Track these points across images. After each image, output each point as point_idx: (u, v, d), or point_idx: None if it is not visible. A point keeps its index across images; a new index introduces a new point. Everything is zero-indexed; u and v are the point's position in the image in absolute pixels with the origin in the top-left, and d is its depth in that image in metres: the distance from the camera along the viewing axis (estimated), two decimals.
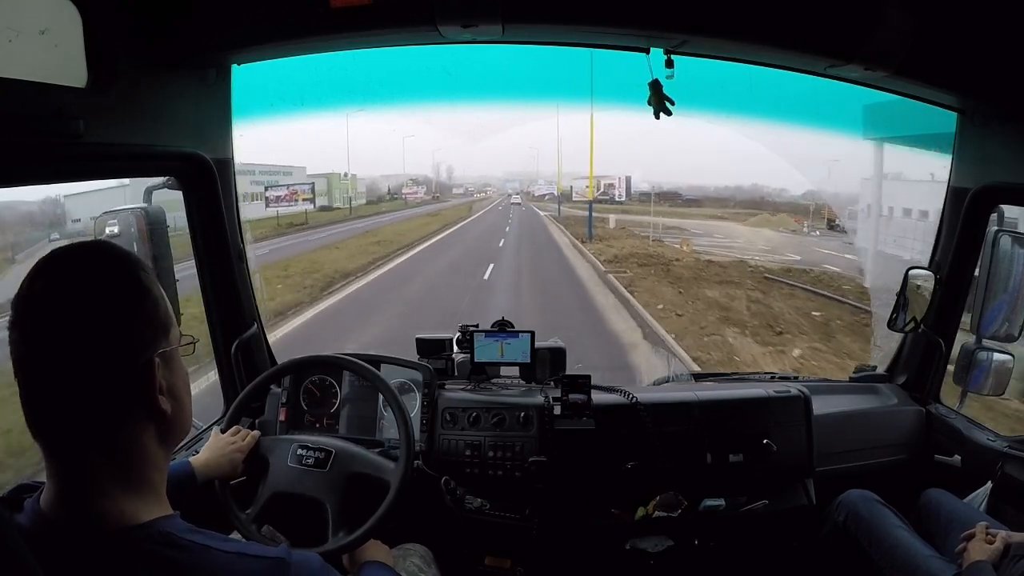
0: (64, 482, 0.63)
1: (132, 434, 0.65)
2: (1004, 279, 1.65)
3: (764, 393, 1.68)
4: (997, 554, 1.29)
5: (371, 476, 1.28)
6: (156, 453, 0.67)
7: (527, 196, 40.69)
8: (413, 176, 40.25)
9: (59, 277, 0.63)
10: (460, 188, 48.57)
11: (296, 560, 0.69)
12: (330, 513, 1.22)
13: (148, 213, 1.44)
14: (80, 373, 0.61)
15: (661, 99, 1.35)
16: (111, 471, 0.63)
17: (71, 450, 0.63)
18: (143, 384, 0.64)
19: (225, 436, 1.33)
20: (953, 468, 1.70)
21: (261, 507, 1.26)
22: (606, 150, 41.92)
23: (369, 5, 1.16)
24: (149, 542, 0.62)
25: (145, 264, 0.69)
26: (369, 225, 23.08)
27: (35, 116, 0.97)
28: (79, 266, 0.65)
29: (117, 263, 0.66)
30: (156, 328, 0.66)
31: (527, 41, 1.48)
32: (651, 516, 1.53)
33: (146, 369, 0.64)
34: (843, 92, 1.52)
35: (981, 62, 1.28)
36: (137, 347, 0.64)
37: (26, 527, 0.62)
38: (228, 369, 1.65)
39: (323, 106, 15.57)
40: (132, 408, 0.64)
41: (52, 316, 0.61)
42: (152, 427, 0.66)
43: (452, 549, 1.52)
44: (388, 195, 37.37)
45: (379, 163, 46.16)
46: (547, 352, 1.77)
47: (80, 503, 0.62)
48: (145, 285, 0.66)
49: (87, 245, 0.67)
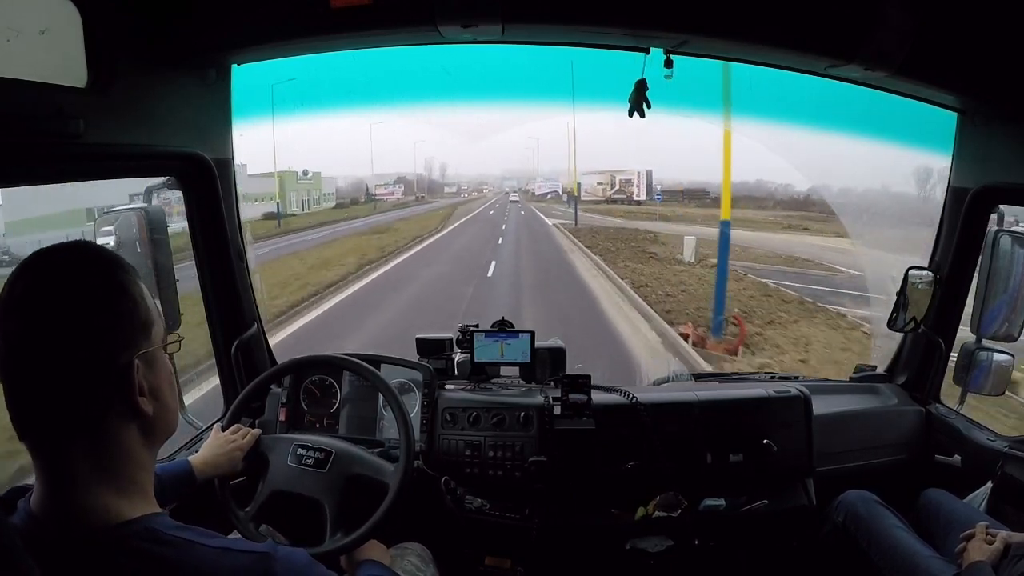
0: (50, 482, 0.64)
1: (114, 434, 0.65)
2: (1004, 279, 1.65)
3: (764, 393, 1.68)
4: (997, 554, 1.28)
5: (370, 478, 1.28)
6: (140, 452, 0.68)
7: (526, 195, 38.29)
8: (403, 174, 37.10)
9: (39, 279, 0.64)
10: (452, 187, 45.14)
11: (282, 555, 0.69)
12: (328, 514, 1.22)
13: (148, 213, 1.43)
14: (60, 375, 0.62)
15: (641, 99, 1.36)
16: (95, 470, 0.64)
17: (55, 450, 0.63)
18: (123, 385, 0.65)
19: (225, 434, 1.33)
20: (953, 468, 1.70)
21: (260, 506, 1.26)
22: (617, 143, 38.59)
23: (369, 5, 1.16)
24: (135, 538, 0.63)
25: (127, 265, 0.69)
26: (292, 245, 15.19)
27: (35, 116, 0.97)
28: (59, 268, 0.65)
29: (97, 265, 0.67)
30: (136, 329, 0.66)
31: (527, 41, 1.48)
32: (651, 516, 1.53)
33: (126, 371, 0.65)
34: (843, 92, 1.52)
35: (981, 62, 1.28)
36: (116, 349, 0.65)
37: (18, 527, 0.63)
38: (228, 369, 1.65)
39: (322, 106, 15.58)
40: (113, 409, 0.65)
41: (32, 318, 0.62)
42: (134, 427, 0.67)
43: (452, 549, 1.52)
44: (367, 196, 33.58)
45: (365, 162, 43.23)
46: (547, 352, 1.77)
47: (66, 502, 0.63)
48: (124, 286, 0.66)
49: (69, 246, 0.68)
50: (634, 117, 1.38)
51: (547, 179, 36.29)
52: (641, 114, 1.38)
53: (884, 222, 8.25)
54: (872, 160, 10.34)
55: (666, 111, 1.42)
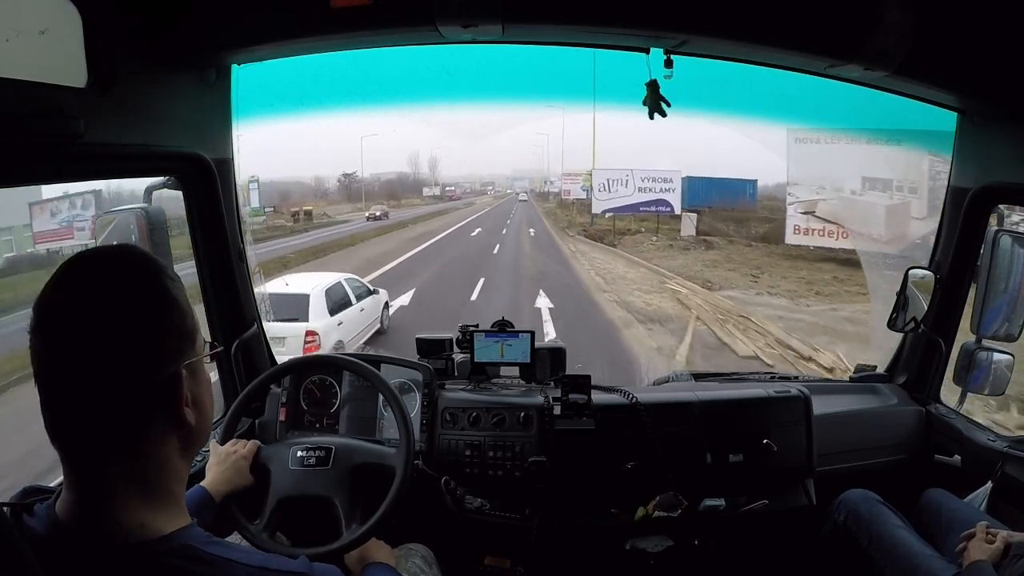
0: (82, 491, 0.62)
1: (155, 445, 0.64)
2: (1004, 279, 1.65)
3: (764, 393, 1.68)
4: (997, 554, 1.29)
5: (375, 464, 1.27)
6: (178, 463, 0.66)
7: (541, 198, 29.86)
8: (380, 173, 27.85)
9: (84, 284, 0.62)
10: (433, 187, 32.23)
11: (318, 572, 0.69)
12: (340, 508, 1.22)
13: (148, 213, 1.43)
14: (104, 384, 0.60)
15: (657, 99, 1.36)
16: (131, 482, 0.62)
17: (90, 459, 0.61)
18: (169, 396, 0.63)
19: (225, 447, 1.31)
20: (953, 468, 1.70)
21: (269, 516, 1.24)
22: (640, 140, 30.11)
23: (369, 5, 1.16)
24: (172, 556, 0.61)
25: (173, 272, 0.66)
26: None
27: (35, 116, 0.97)
28: (104, 273, 0.63)
29: (143, 271, 0.64)
30: (183, 339, 0.65)
31: (527, 41, 1.48)
32: (651, 516, 1.53)
33: (173, 381, 0.63)
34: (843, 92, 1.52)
35: (981, 62, 1.28)
36: (164, 359, 0.63)
37: (40, 533, 0.61)
38: (228, 369, 1.65)
39: (322, 106, 15.53)
40: (157, 419, 0.63)
41: (76, 325, 0.59)
42: (175, 438, 0.65)
43: (452, 549, 1.52)
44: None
45: (354, 163, 33.27)
46: (547, 352, 1.77)
47: (99, 513, 0.61)
48: (172, 295, 0.64)
49: (112, 250, 0.66)
50: (655, 118, 1.37)
51: (558, 179, 27.82)
52: (662, 114, 1.36)
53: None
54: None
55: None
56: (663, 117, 1.37)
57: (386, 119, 36.45)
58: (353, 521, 1.20)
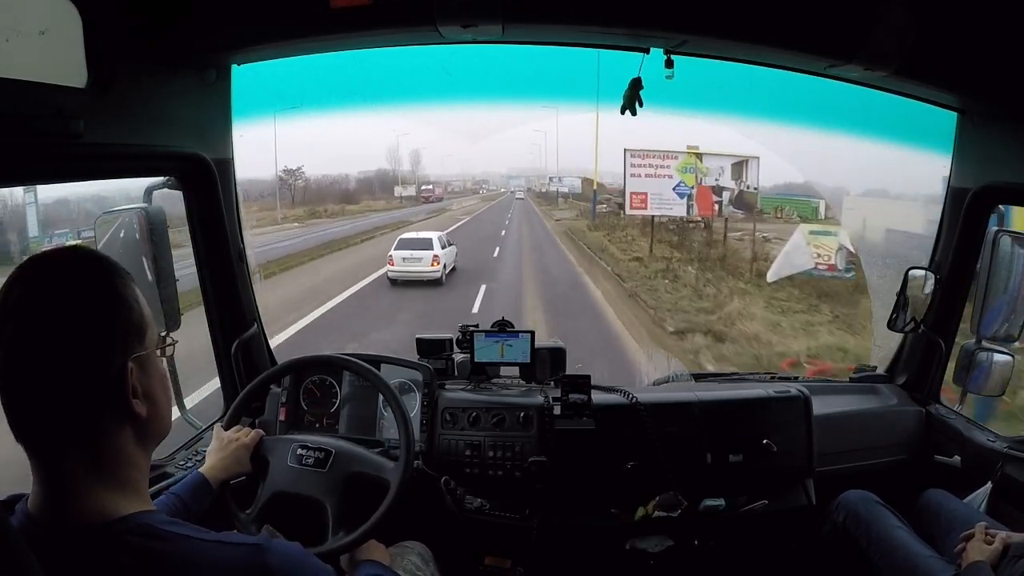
0: (47, 482, 0.65)
1: (109, 436, 0.67)
2: (1004, 279, 1.65)
3: (764, 393, 1.68)
4: (996, 554, 1.28)
5: (371, 475, 1.27)
6: (134, 453, 0.69)
7: (542, 200, 25.06)
8: (363, 171, 22.36)
9: (35, 284, 0.65)
10: (409, 187, 23.91)
11: (275, 547, 0.70)
12: (330, 513, 1.22)
13: (148, 213, 1.43)
14: (56, 379, 0.63)
15: (634, 98, 1.37)
16: (90, 471, 0.65)
17: (51, 453, 0.65)
18: (118, 388, 0.66)
19: (227, 434, 1.33)
20: (953, 468, 1.70)
21: (261, 507, 1.26)
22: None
23: (369, 5, 1.16)
24: (129, 534, 0.64)
25: (122, 269, 0.70)
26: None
27: (35, 116, 0.97)
28: (55, 273, 0.66)
29: (92, 269, 0.68)
30: (129, 333, 0.68)
31: (527, 41, 1.49)
32: (651, 516, 1.53)
33: (120, 374, 0.66)
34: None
35: (981, 62, 1.28)
36: (111, 352, 0.66)
37: (15, 527, 0.63)
38: (228, 369, 1.65)
39: (322, 107, 15.48)
40: (108, 411, 0.66)
41: (28, 324, 0.63)
42: (128, 429, 0.68)
43: (452, 549, 1.52)
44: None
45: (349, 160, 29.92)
46: (547, 352, 1.77)
47: (61, 501, 0.64)
48: (119, 291, 0.67)
49: (64, 251, 0.69)
50: (626, 115, 1.40)
51: (560, 177, 23.92)
52: (633, 112, 1.39)
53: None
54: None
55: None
56: (633, 115, 1.39)
57: (386, 119, 34.78)
58: (340, 528, 1.20)
